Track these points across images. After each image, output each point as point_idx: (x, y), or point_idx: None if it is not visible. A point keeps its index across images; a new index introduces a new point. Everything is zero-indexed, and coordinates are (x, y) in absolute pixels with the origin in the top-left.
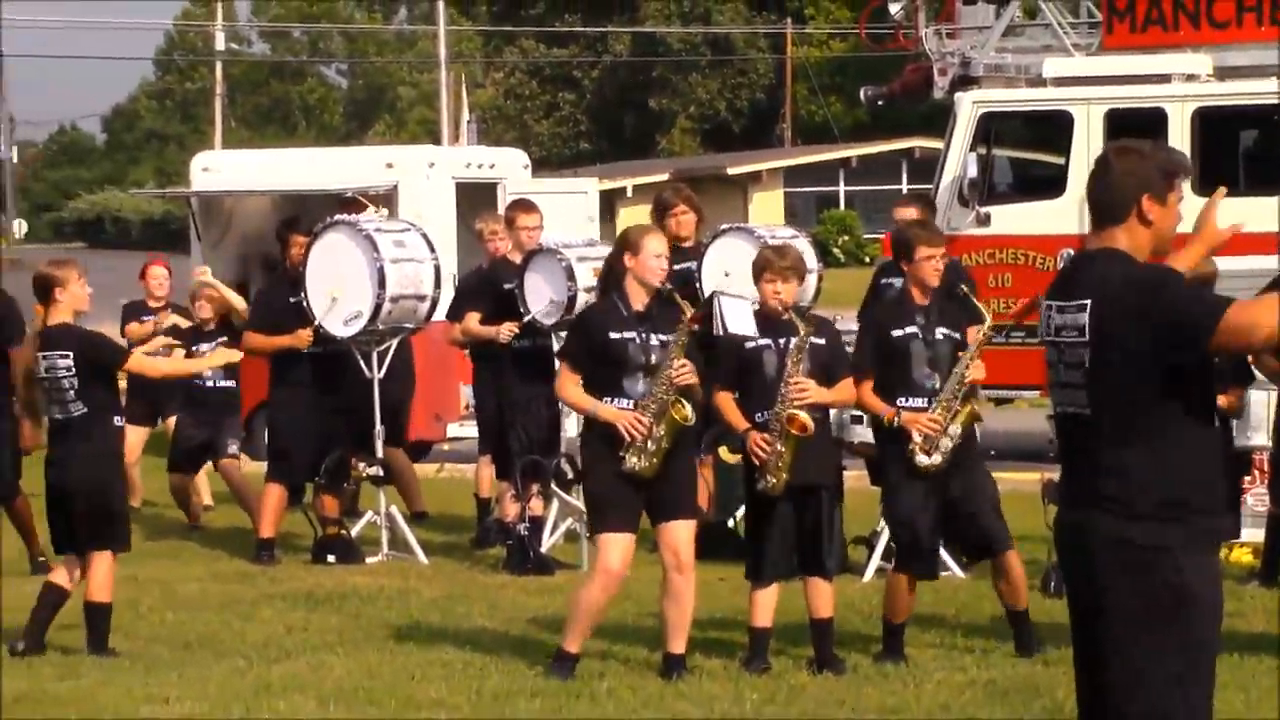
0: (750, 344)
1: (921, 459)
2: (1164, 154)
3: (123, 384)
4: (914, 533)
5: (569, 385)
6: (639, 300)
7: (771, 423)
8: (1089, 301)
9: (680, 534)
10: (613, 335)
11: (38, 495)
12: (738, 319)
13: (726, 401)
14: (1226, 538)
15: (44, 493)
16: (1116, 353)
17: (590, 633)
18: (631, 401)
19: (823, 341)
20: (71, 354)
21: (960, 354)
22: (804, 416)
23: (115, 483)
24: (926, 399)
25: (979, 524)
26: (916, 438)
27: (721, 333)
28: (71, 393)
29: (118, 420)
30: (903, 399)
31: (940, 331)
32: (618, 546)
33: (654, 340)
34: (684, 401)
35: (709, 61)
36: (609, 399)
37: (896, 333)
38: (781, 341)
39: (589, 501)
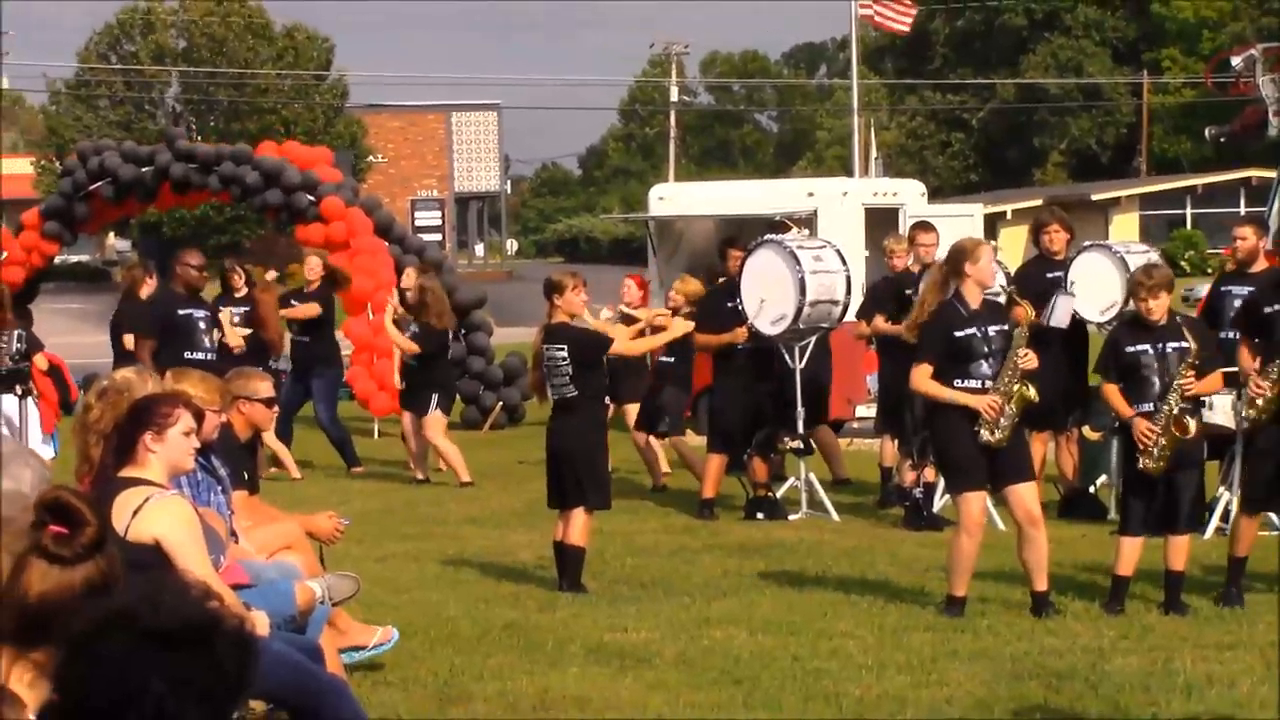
0: (1130, 348)
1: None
2: None
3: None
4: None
5: (925, 380)
6: (975, 300)
7: (1157, 416)
8: None
9: (1026, 494)
10: (957, 333)
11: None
12: (1061, 314)
13: (1113, 392)
14: None
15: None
16: None
17: (970, 576)
18: (979, 382)
19: (1194, 345)
20: (566, 348)
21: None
22: (1189, 421)
23: (597, 452)
24: None
25: None
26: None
27: (1046, 323)
28: (566, 378)
29: (604, 400)
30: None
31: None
32: (977, 502)
33: (991, 331)
34: (1029, 383)
35: (1080, 106)
36: (958, 381)
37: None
38: (1160, 346)
39: (948, 468)
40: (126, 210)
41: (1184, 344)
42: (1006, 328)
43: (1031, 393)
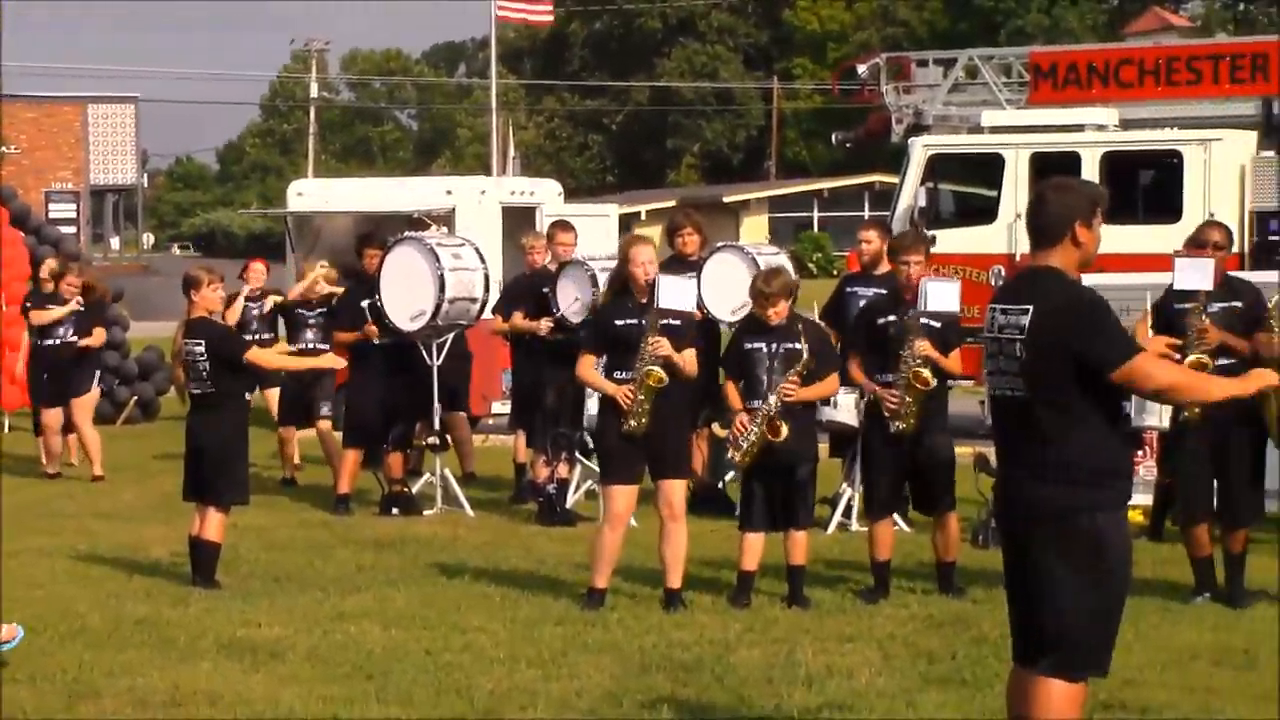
0: (747, 344)
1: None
2: (1089, 187)
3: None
4: (880, 487)
5: (585, 368)
6: (641, 294)
7: (756, 414)
8: (1030, 308)
9: (674, 490)
10: (618, 323)
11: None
12: (670, 296)
13: (730, 388)
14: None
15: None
16: (1047, 353)
17: (611, 568)
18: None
19: (805, 349)
20: (204, 343)
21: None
22: (781, 424)
23: (236, 448)
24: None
25: (932, 485)
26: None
27: (656, 306)
28: (204, 374)
29: (244, 397)
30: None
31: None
32: (622, 495)
33: (660, 323)
34: (655, 369)
35: (713, 110)
36: (620, 372)
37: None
38: (774, 345)
39: (600, 459)
40: None
41: (797, 345)
42: (677, 322)
43: (660, 374)
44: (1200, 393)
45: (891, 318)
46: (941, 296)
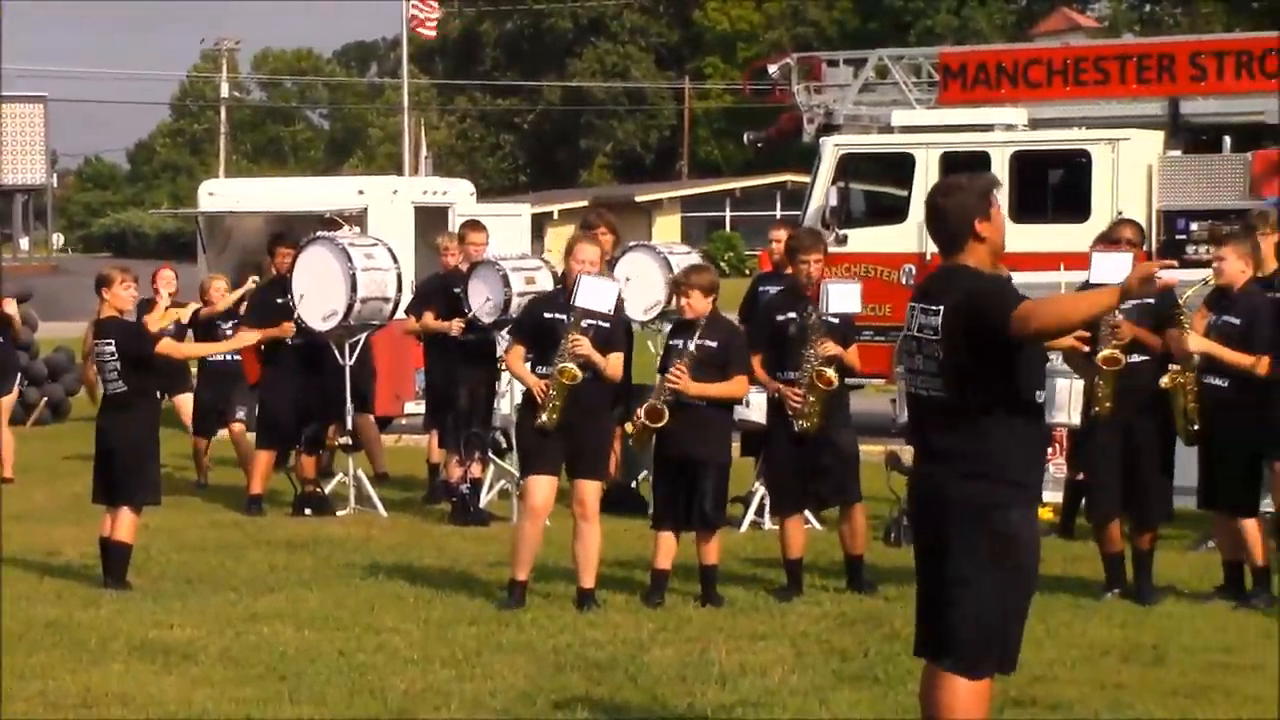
0: (672, 340)
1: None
2: (977, 181)
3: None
4: (787, 486)
5: (513, 356)
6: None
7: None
8: (943, 306)
9: (587, 490)
10: (546, 315)
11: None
12: (588, 296)
13: (658, 381)
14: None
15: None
16: (961, 347)
17: (531, 560)
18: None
19: (715, 344)
20: (114, 342)
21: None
22: (663, 408)
23: (148, 448)
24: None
25: (836, 478)
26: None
27: (575, 304)
28: (115, 373)
29: (156, 397)
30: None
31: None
32: (539, 487)
33: (584, 322)
34: (570, 365)
35: (625, 109)
36: (542, 367)
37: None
38: (686, 341)
39: (519, 452)
40: None
41: (700, 341)
42: (601, 322)
43: (574, 371)
44: (1085, 306)
45: (791, 315)
46: (843, 298)
